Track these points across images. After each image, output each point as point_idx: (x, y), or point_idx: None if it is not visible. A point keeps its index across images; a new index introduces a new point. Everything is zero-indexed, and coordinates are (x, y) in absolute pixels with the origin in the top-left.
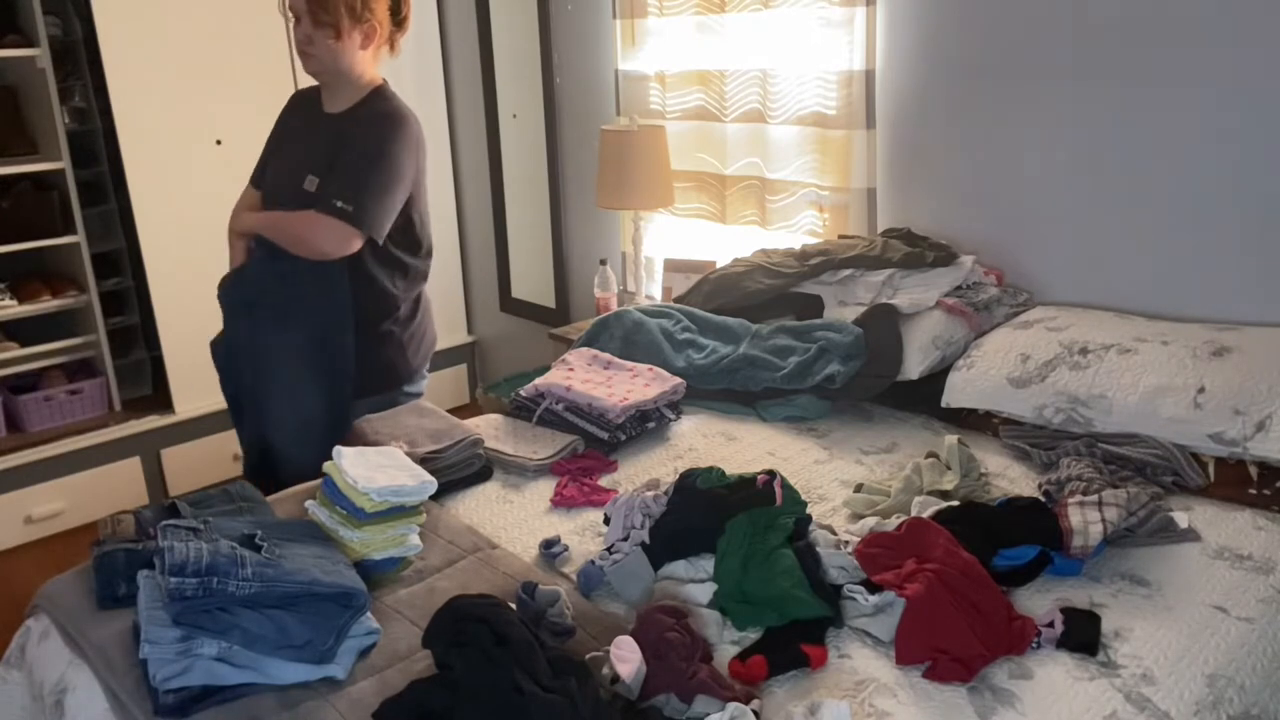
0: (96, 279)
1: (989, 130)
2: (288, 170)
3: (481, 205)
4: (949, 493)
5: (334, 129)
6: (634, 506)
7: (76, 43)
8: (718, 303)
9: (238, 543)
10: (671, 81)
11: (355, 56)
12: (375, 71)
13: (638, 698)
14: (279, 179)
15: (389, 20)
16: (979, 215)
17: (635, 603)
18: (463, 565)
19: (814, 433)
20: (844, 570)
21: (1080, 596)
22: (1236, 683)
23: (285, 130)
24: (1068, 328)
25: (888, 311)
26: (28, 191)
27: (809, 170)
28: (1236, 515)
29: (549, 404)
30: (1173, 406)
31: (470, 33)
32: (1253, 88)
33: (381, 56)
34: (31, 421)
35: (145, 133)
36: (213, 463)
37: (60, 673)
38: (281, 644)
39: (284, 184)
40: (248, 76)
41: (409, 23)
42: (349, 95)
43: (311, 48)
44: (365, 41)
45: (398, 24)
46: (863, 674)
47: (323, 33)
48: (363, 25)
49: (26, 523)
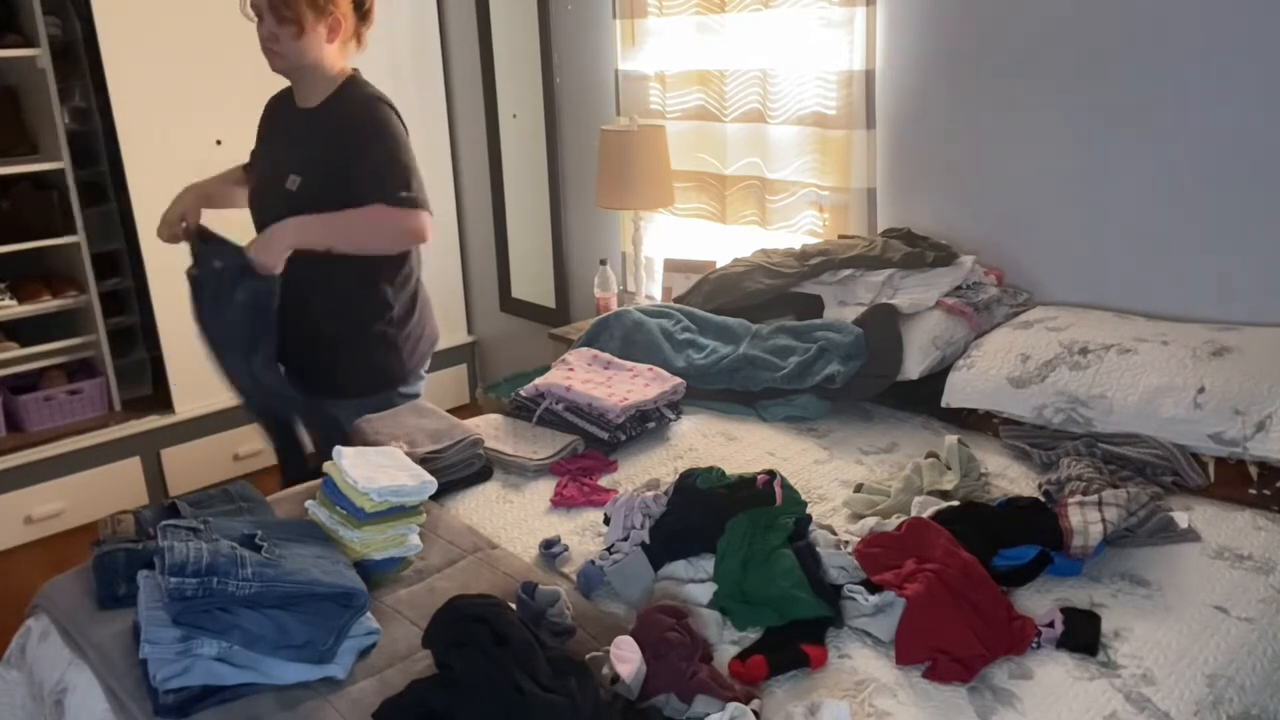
0: (96, 279)
1: (989, 130)
2: (270, 172)
3: (481, 205)
4: (949, 493)
5: (312, 124)
6: (634, 507)
7: (76, 43)
8: (718, 303)
9: (238, 543)
10: (671, 81)
11: (322, 50)
12: (345, 64)
13: (638, 698)
14: (262, 182)
15: (353, 13)
16: (979, 215)
17: (635, 603)
18: (463, 565)
19: (814, 433)
20: (844, 570)
21: (1080, 596)
22: (1236, 683)
23: (263, 136)
24: (1068, 328)
25: (888, 311)
26: (28, 191)
27: (809, 170)
28: (1236, 515)
29: (549, 404)
30: (1173, 406)
31: (470, 33)
32: (1253, 88)
33: (350, 51)
34: (31, 421)
35: (145, 133)
36: (213, 463)
37: (60, 673)
38: (281, 644)
39: (267, 187)
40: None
41: (373, 15)
42: (321, 89)
43: (277, 45)
44: (331, 35)
45: (361, 17)
46: (863, 674)
47: (287, 30)
48: (326, 18)
49: (26, 523)
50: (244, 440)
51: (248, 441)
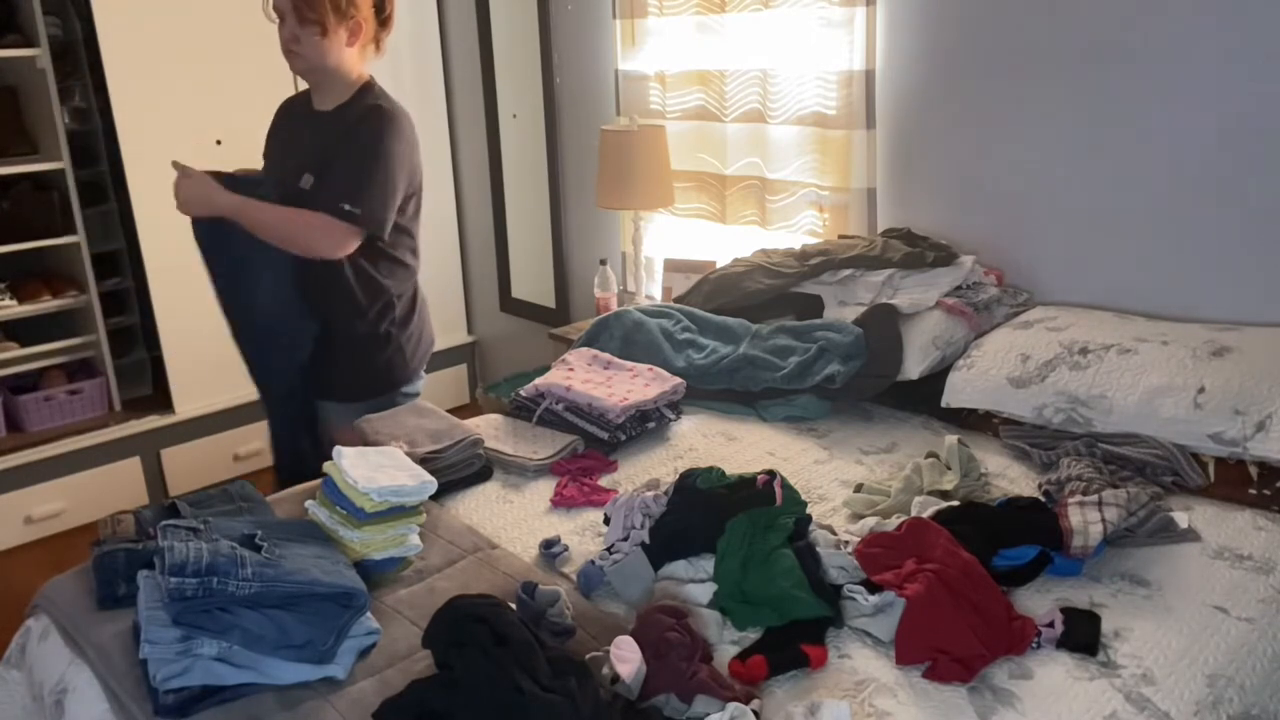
0: (96, 279)
1: (989, 130)
2: (283, 171)
3: (481, 205)
4: (949, 493)
5: (326, 126)
6: (634, 507)
7: (76, 43)
8: (718, 303)
9: (238, 543)
10: (671, 81)
11: (342, 54)
12: (363, 69)
13: (638, 698)
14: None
15: (374, 18)
16: (979, 215)
17: (635, 603)
18: (463, 565)
19: (814, 433)
20: (844, 570)
21: (1080, 596)
22: (1236, 683)
23: (277, 135)
24: (1068, 328)
25: (888, 311)
26: (28, 191)
27: (809, 170)
28: (1236, 515)
29: (549, 404)
30: (1173, 406)
31: (470, 33)
32: (1252, 88)
33: (368, 56)
34: (31, 421)
35: (145, 133)
36: (213, 463)
37: (60, 673)
38: (281, 644)
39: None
40: (248, 76)
41: (393, 21)
42: (339, 93)
43: (298, 46)
44: (351, 38)
45: (382, 22)
46: (863, 674)
47: (308, 30)
48: (348, 21)
49: (26, 523)
50: (244, 440)
51: (248, 441)
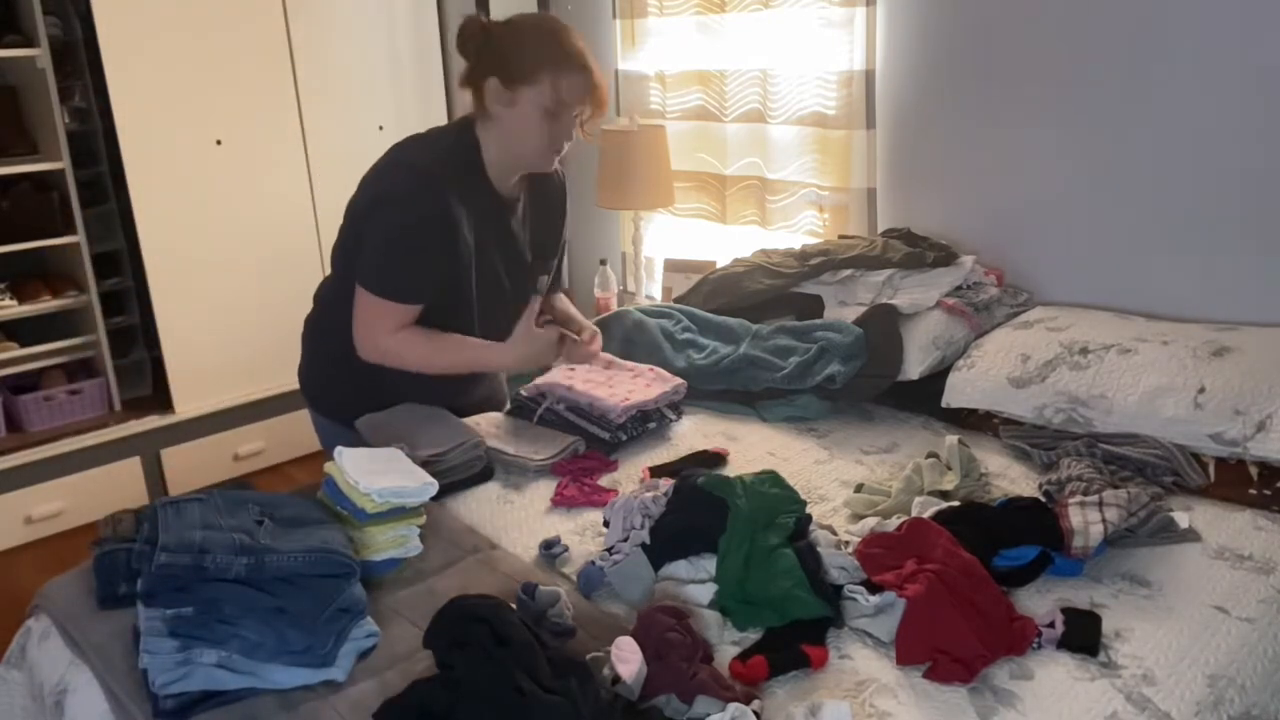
0: (96, 279)
1: (989, 130)
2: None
3: None
4: (949, 493)
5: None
6: (634, 507)
7: (76, 43)
8: (718, 303)
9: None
10: (671, 81)
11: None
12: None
13: (638, 698)
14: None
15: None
16: (979, 215)
17: (636, 603)
18: (463, 566)
19: (814, 433)
20: (844, 570)
21: (1081, 597)
22: (1237, 683)
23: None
24: (1068, 328)
25: (888, 312)
26: (28, 191)
27: (809, 170)
28: (1237, 515)
29: (550, 404)
30: (1173, 406)
31: None
32: (1252, 88)
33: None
34: (31, 421)
35: (145, 133)
36: (213, 463)
37: (60, 673)
38: (281, 650)
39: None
40: (248, 77)
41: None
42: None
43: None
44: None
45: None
46: (863, 674)
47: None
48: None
49: (26, 523)
50: (244, 440)
51: (248, 441)
